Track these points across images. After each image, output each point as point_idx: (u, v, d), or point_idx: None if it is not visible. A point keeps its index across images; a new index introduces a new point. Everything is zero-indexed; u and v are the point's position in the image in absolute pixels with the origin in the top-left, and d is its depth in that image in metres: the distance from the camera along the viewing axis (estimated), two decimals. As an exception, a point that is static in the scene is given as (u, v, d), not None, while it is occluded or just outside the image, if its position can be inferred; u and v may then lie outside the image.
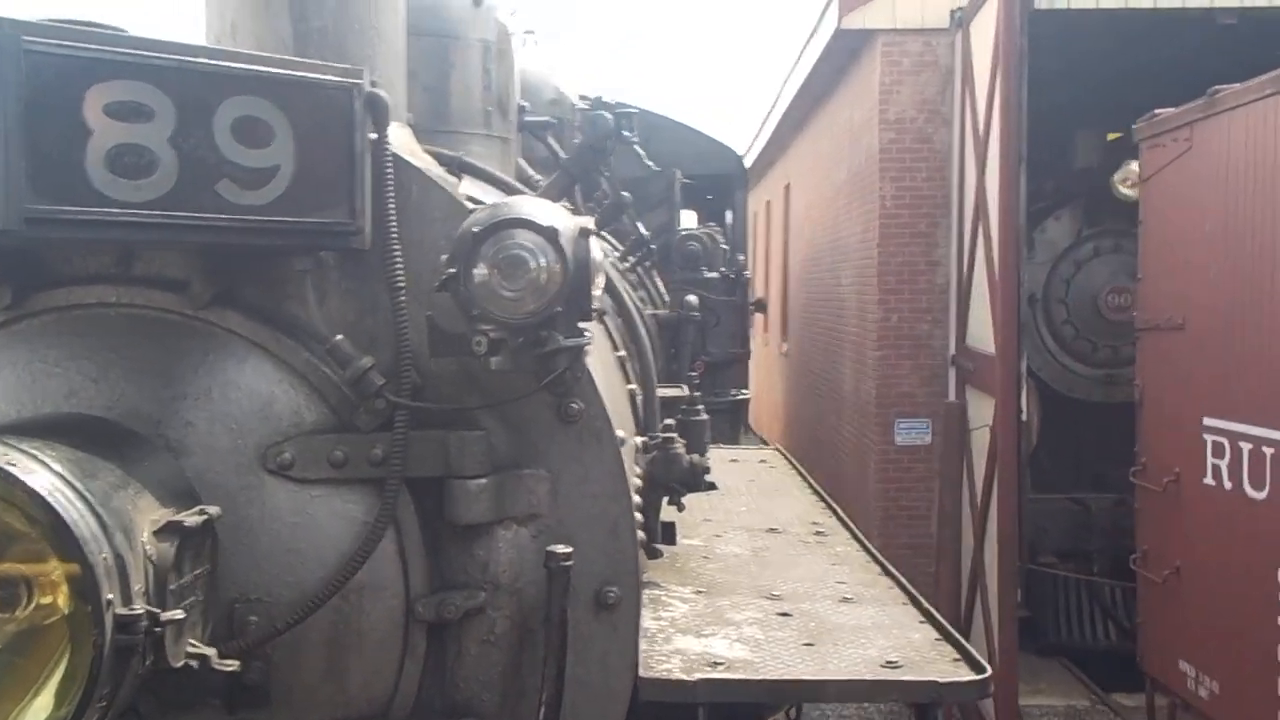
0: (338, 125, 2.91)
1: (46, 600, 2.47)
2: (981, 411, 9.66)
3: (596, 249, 2.91)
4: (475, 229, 2.84)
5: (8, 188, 2.49)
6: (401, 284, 3.05)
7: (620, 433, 3.29)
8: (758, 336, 21.09)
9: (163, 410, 3.03)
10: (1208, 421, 7.00)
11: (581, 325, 2.98)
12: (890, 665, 3.50)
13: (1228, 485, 6.74)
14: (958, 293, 10.68)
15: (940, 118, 11.04)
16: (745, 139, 22.36)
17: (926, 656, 3.62)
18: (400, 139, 3.65)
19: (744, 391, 10.57)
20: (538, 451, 3.24)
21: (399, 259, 3.05)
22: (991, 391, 9.36)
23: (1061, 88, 10.86)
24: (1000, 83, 9.06)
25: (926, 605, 4.18)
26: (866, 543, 5.30)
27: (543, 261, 2.82)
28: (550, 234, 2.82)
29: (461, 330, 2.94)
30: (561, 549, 3.07)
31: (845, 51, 12.16)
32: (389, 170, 3.05)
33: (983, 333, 9.70)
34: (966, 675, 3.44)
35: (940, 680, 3.38)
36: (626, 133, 4.16)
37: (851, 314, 12.58)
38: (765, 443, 13.13)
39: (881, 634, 3.85)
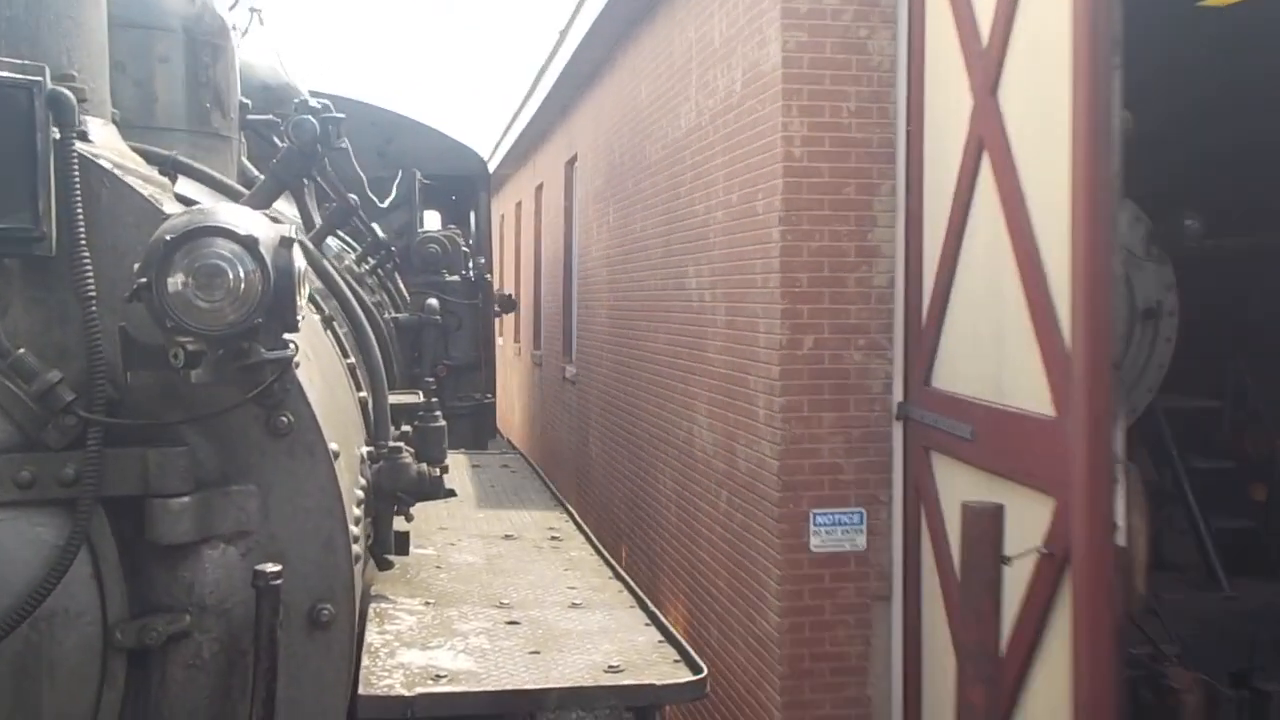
0: (16, 125, 2.75)
1: None
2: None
3: (299, 258, 2.83)
4: (169, 236, 2.71)
5: None
6: (92, 293, 2.88)
7: (334, 445, 3.21)
8: (523, 353, 19.50)
9: None
10: None
11: (287, 337, 2.89)
12: (612, 670, 3.56)
13: None
14: (908, 301, 6.37)
15: (879, 13, 6.43)
16: (502, 120, 18.81)
17: (649, 659, 3.69)
18: (103, 137, 3.47)
19: (489, 396, 10.50)
20: (247, 466, 3.12)
21: (88, 266, 2.88)
22: (1028, 480, 5.11)
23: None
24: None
25: (652, 608, 4.26)
26: (599, 545, 5.36)
27: (241, 271, 2.71)
28: (249, 243, 2.72)
29: (159, 342, 2.81)
30: (271, 567, 2.96)
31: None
32: (75, 172, 2.88)
33: (978, 370, 5.61)
34: (685, 676, 3.53)
35: (658, 683, 3.47)
36: (335, 138, 4.05)
37: (716, 333, 7.71)
38: (514, 447, 13.08)
39: (607, 638, 3.91)
